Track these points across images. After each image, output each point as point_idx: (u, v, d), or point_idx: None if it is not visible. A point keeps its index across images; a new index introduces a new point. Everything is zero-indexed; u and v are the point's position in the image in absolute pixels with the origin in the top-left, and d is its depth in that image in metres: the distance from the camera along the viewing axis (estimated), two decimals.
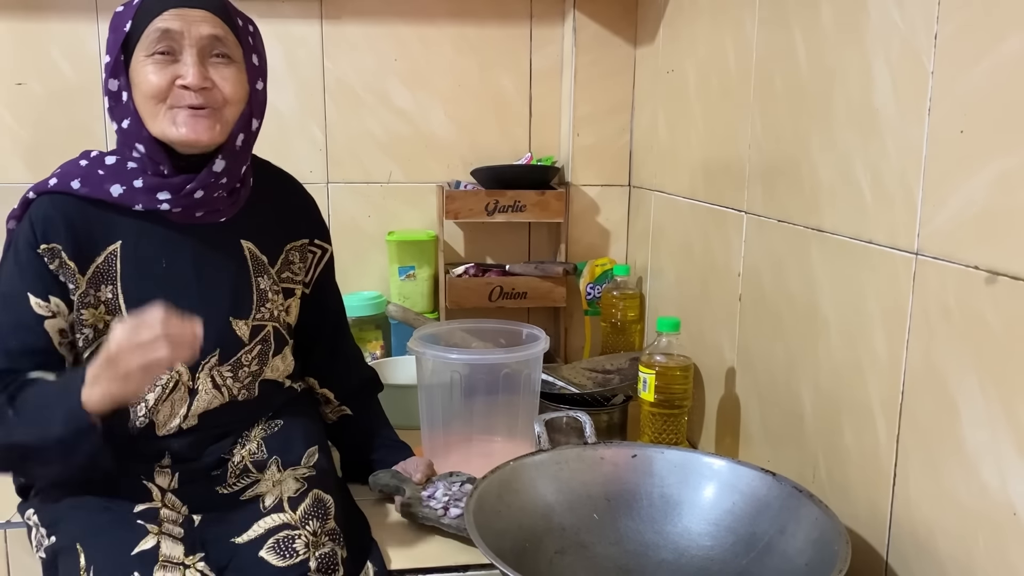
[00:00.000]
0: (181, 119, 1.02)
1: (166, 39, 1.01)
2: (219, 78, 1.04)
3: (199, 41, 1.02)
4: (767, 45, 1.19)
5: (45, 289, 1.03)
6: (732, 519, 1.00)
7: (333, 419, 1.30)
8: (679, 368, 1.32)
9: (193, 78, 1.01)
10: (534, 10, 1.87)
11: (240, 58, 1.07)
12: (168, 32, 1.01)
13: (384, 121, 1.87)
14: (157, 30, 1.01)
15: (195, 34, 1.02)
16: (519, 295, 1.81)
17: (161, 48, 1.01)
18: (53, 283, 1.03)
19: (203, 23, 1.02)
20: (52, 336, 1.03)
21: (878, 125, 0.92)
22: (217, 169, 1.06)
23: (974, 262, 0.78)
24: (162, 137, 1.04)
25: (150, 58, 1.02)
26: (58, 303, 1.03)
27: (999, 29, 0.75)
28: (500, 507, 0.97)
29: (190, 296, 1.06)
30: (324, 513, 1.04)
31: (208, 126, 1.03)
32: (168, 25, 1.01)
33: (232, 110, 1.06)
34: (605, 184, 1.89)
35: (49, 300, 1.03)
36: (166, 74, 1.01)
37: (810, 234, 1.08)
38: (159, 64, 1.02)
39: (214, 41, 1.03)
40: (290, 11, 1.79)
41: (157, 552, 0.95)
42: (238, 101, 1.07)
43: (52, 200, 1.04)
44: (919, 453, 0.86)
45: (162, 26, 1.01)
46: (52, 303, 1.03)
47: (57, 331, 1.03)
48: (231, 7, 1.08)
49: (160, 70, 1.01)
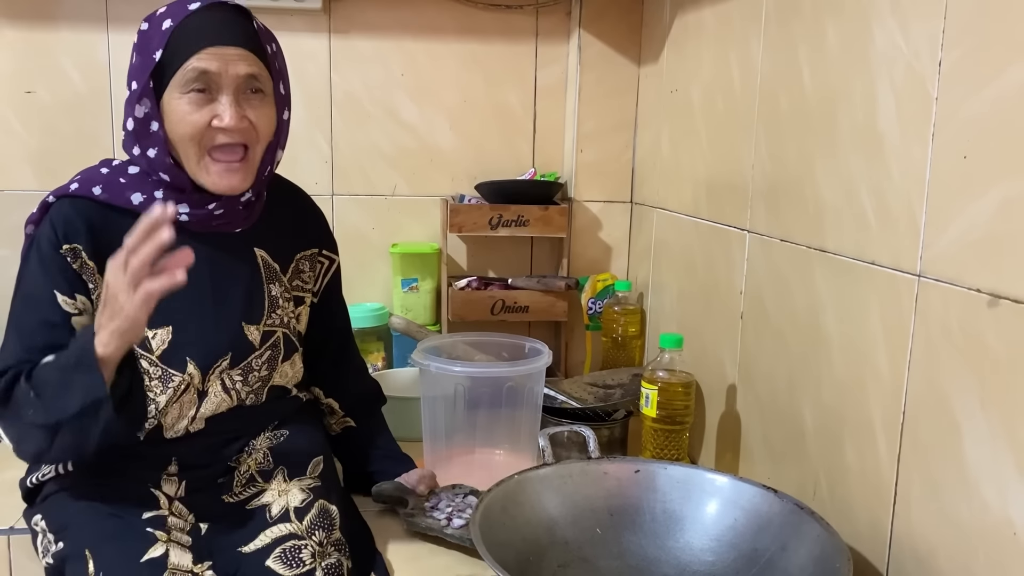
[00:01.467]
0: (215, 170, 1.05)
1: (203, 79, 1.02)
2: (253, 116, 1.05)
3: (235, 80, 1.03)
4: (772, 66, 1.21)
5: (71, 287, 1.04)
6: (734, 535, 1.01)
7: (337, 430, 1.31)
8: (681, 384, 1.33)
9: (231, 119, 1.02)
10: (540, 28, 1.89)
11: (271, 91, 1.09)
12: (206, 73, 1.01)
13: (390, 134, 1.89)
14: (194, 70, 1.01)
15: (232, 74, 1.02)
16: (521, 309, 1.82)
17: (198, 87, 1.02)
18: (77, 281, 1.04)
19: (240, 62, 1.03)
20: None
21: (882, 148, 0.94)
22: (243, 200, 1.10)
23: (976, 285, 0.79)
24: (194, 178, 1.06)
25: (186, 95, 1.02)
26: (84, 301, 1.05)
27: (1003, 57, 0.76)
28: (505, 519, 0.98)
29: (204, 301, 1.08)
30: (330, 523, 1.05)
31: (241, 179, 1.07)
32: (206, 66, 1.01)
33: (262, 145, 1.09)
34: (608, 200, 1.91)
35: (76, 298, 1.04)
36: (203, 115, 1.03)
37: (813, 254, 1.09)
38: (195, 104, 1.02)
39: (250, 79, 1.05)
40: (299, 24, 1.81)
41: (166, 560, 0.96)
42: (269, 135, 1.09)
43: (72, 203, 1.06)
44: (920, 471, 0.87)
45: (200, 66, 1.01)
46: (79, 300, 1.04)
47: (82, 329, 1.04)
48: (262, 35, 1.08)
49: (197, 110, 1.02)
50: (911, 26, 0.89)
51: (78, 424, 0.94)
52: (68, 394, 0.93)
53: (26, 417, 0.97)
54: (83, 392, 0.92)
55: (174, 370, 1.07)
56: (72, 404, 0.93)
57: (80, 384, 0.92)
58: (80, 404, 0.92)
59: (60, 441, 0.96)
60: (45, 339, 1.01)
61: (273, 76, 1.09)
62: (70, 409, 0.93)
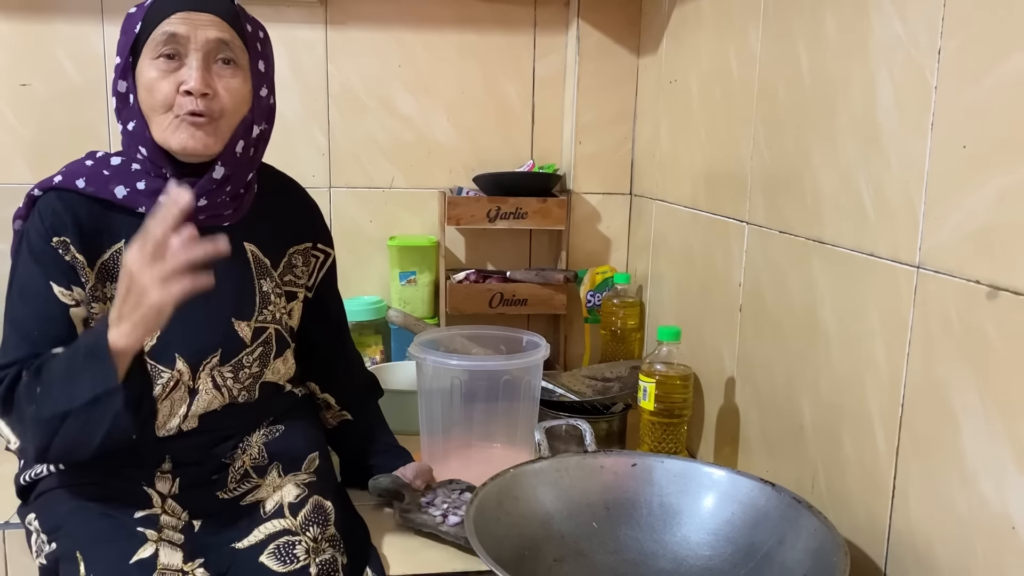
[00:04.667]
0: (183, 127, 1.03)
1: (172, 42, 1.02)
2: (221, 87, 1.04)
3: (205, 45, 1.02)
4: (771, 56, 1.20)
5: (66, 278, 1.03)
6: (731, 529, 1.00)
7: (333, 424, 1.30)
8: (679, 377, 1.32)
9: (195, 83, 1.01)
10: (538, 18, 1.88)
11: (246, 64, 1.07)
12: (174, 36, 1.01)
13: (387, 126, 1.88)
14: (164, 33, 1.01)
15: (201, 38, 1.02)
16: (519, 302, 1.81)
17: (166, 51, 1.02)
18: (71, 272, 1.03)
19: (210, 27, 1.03)
20: (77, 326, 1.03)
21: (880, 138, 0.93)
22: (217, 176, 1.06)
23: (975, 276, 0.78)
24: (163, 144, 1.05)
25: (155, 61, 1.02)
26: (80, 292, 1.04)
27: (1003, 46, 0.75)
28: (500, 514, 0.98)
29: (193, 296, 1.06)
30: (324, 519, 1.04)
31: (204, 136, 1.04)
32: (175, 28, 1.01)
33: (231, 119, 1.06)
34: (606, 192, 1.90)
35: (71, 289, 1.03)
36: (171, 81, 1.02)
37: (811, 245, 1.08)
38: (164, 70, 1.02)
39: (220, 45, 1.04)
40: (295, 16, 1.80)
41: (156, 560, 0.95)
42: (238, 110, 1.07)
43: (58, 196, 1.05)
44: (919, 465, 0.87)
45: (169, 29, 1.01)
46: (75, 292, 1.03)
47: (81, 321, 1.04)
48: (242, 13, 1.08)
49: (165, 76, 1.02)
50: (910, 14, 0.88)
51: (85, 416, 0.91)
52: (77, 384, 0.91)
53: (29, 412, 0.95)
54: (93, 382, 0.91)
55: (163, 366, 1.06)
56: (82, 394, 0.91)
57: (91, 374, 0.91)
58: (91, 394, 0.90)
59: (63, 436, 0.93)
60: (44, 333, 1.01)
61: (250, 51, 1.08)
62: (79, 399, 0.91)
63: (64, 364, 0.95)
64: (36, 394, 0.95)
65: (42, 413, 0.94)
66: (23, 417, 0.97)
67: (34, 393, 0.95)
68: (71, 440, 0.94)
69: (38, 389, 0.95)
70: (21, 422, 0.99)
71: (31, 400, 0.95)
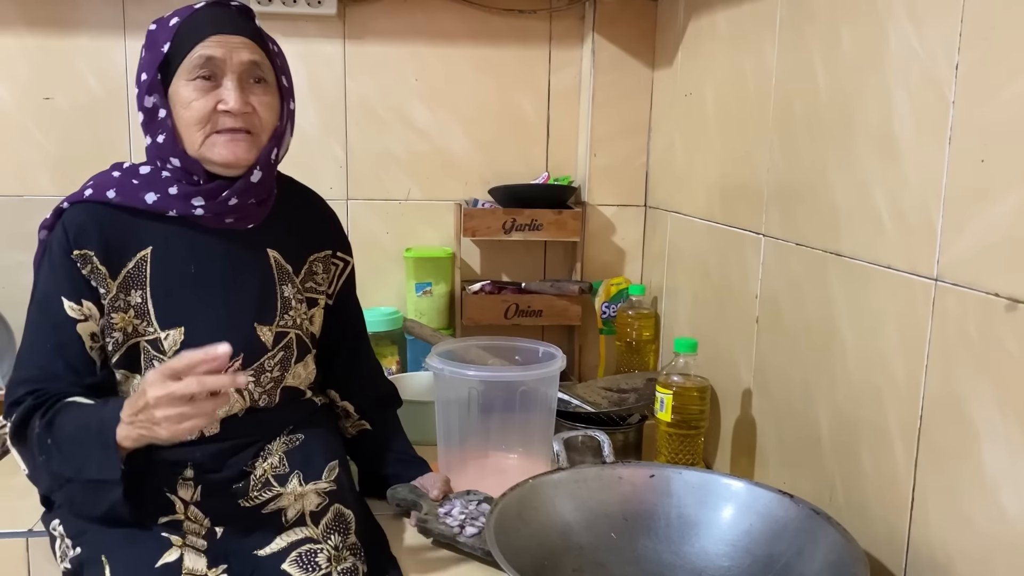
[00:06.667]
0: (221, 142, 1.07)
1: (209, 65, 1.05)
2: (257, 103, 1.09)
3: (239, 67, 1.07)
4: (786, 69, 1.21)
5: (78, 293, 1.06)
6: (749, 540, 1.01)
7: (353, 433, 1.31)
8: (696, 389, 1.32)
9: (235, 103, 1.05)
10: (553, 32, 1.90)
11: (273, 81, 1.12)
12: (211, 59, 1.05)
13: (404, 139, 1.90)
14: (200, 56, 1.05)
15: (236, 60, 1.06)
16: (535, 313, 1.82)
17: (203, 73, 1.06)
18: (85, 287, 1.06)
19: (243, 49, 1.07)
20: (84, 339, 1.07)
21: (897, 151, 0.94)
22: (255, 180, 1.10)
23: (994, 289, 0.79)
24: (201, 159, 1.08)
25: (192, 82, 1.06)
26: (90, 307, 1.07)
27: (1021, 61, 0.76)
28: (519, 524, 0.98)
29: (216, 299, 1.10)
30: (345, 528, 1.05)
31: (246, 148, 1.08)
32: (211, 52, 1.05)
33: (268, 132, 1.11)
34: (621, 204, 1.91)
35: (81, 304, 1.06)
36: (209, 100, 1.06)
37: (828, 258, 1.08)
38: (201, 90, 1.06)
39: (252, 67, 1.08)
40: (313, 31, 1.82)
41: (180, 565, 0.97)
42: (272, 123, 1.12)
43: (86, 208, 1.08)
44: (938, 477, 0.87)
45: (206, 53, 1.05)
46: (84, 307, 1.06)
47: (88, 335, 1.07)
48: (263, 32, 1.12)
49: (202, 96, 1.06)
50: (927, 29, 0.89)
51: (88, 489, 0.99)
52: (84, 459, 0.98)
53: (40, 460, 1.02)
54: (99, 466, 0.97)
55: None
56: (87, 470, 0.98)
57: (97, 456, 0.97)
58: (94, 475, 0.98)
59: (68, 493, 1.03)
60: (55, 342, 1.05)
61: (275, 69, 1.12)
62: (84, 474, 0.98)
63: (76, 428, 1.00)
64: (47, 445, 1.00)
65: (51, 466, 1.01)
66: (34, 461, 1.04)
67: (45, 444, 1.01)
68: (76, 500, 1.03)
69: (49, 440, 1.00)
70: (32, 462, 1.06)
71: (42, 450, 1.01)
